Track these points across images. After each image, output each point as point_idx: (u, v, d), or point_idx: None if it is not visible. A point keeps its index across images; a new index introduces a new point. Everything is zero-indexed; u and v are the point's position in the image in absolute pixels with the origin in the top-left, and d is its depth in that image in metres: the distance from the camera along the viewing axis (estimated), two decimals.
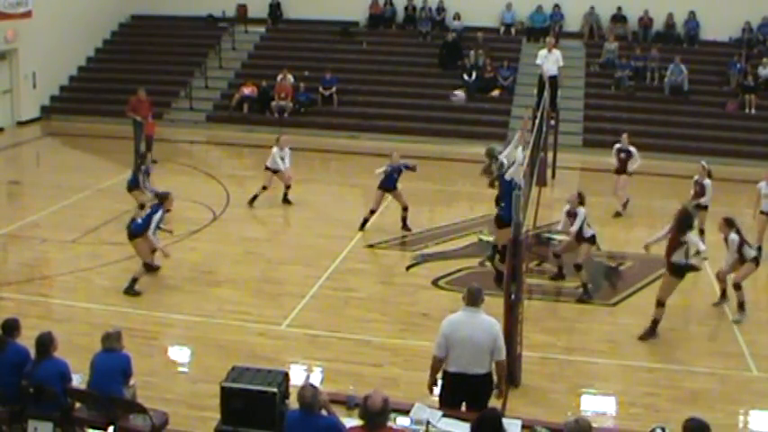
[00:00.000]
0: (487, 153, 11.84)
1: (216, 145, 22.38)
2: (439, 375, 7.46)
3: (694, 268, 11.50)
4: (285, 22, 26.60)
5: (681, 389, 9.34)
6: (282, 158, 15.68)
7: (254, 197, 15.69)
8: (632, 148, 15.87)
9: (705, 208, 13.93)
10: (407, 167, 14.46)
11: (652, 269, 13.08)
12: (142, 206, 13.79)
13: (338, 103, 23.31)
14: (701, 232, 13.73)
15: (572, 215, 11.99)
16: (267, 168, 15.75)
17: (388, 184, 14.35)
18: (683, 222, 10.56)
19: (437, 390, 7.52)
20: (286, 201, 15.97)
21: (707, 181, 13.96)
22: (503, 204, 11.28)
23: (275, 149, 15.72)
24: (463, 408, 7.34)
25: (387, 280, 12.45)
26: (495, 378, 7.35)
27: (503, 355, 7.29)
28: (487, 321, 7.34)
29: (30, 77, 23.27)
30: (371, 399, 5.83)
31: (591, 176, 19.34)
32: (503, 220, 11.05)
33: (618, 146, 16.08)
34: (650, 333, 10.53)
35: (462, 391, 7.34)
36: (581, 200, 12.04)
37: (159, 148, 19.14)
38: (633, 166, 15.81)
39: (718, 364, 9.94)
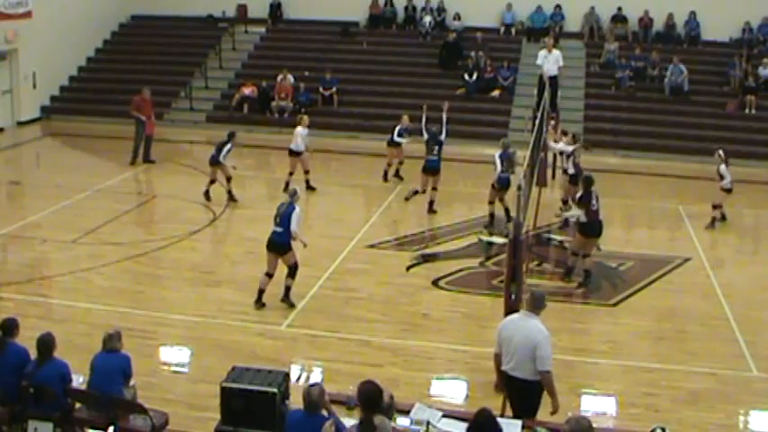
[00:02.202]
0: None
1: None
2: None
3: None
4: (285, 22, 26.60)
5: (681, 389, 9.34)
6: (303, 138, 16.28)
7: (287, 184, 15.93)
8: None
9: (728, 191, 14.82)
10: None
11: (652, 269, 13.11)
12: (229, 179, 15.50)
13: (338, 104, 23.30)
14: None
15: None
16: (291, 152, 16.28)
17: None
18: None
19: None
20: (310, 188, 16.55)
21: (722, 167, 14.79)
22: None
23: (300, 129, 16.22)
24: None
25: (387, 280, 12.44)
26: (548, 393, 7.26)
27: (545, 366, 7.05)
28: (535, 327, 7.16)
29: (30, 77, 23.26)
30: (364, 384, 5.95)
31: None
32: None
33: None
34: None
35: (511, 392, 7.40)
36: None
37: (159, 148, 19.17)
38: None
39: (718, 364, 9.94)
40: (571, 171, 14.85)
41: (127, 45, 26.40)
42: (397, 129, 17.37)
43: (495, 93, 23.20)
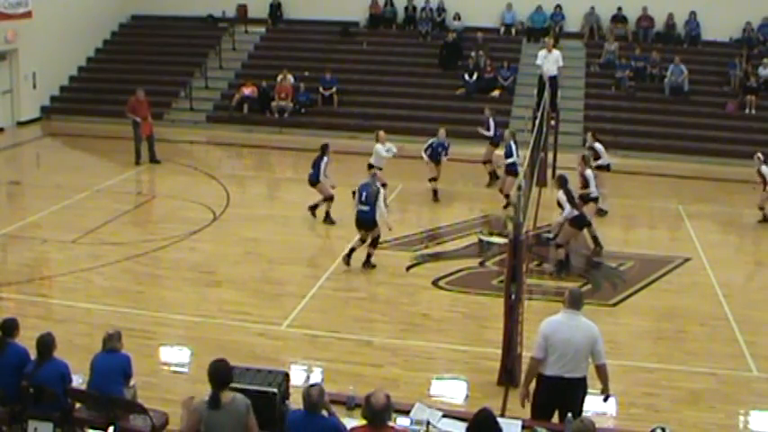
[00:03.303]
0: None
1: (216, 145, 22.38)
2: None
3: None
4: (285, 22, 26.60)
5: (681, 389, 9.34)
6: (389, 151, 15.63)
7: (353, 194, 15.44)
8: (597, 145, 15.69)
9: None
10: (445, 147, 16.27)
11: (652, 269, 13.11)
12: (330, 198, 14.65)
13: (338, 104, 23.30)
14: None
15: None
16: (371, 167, 15.26)
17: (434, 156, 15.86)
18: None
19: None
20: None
21: (764, 168, 14.98)
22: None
23: (379, 146, 15.59)
24: (555, 418, 7.24)
25: (387, 280, 12.44)
26: (601, 383, 7.29)
27: (603, 359, 7.20)
28: (587, 324, 7.21)
29: (30, 77, 23.27)
30: (375, 396, 5.83)
31: None
32: None
33: (587, 143, 16.02)
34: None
35: (557, 397, 7.24)
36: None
37: (159, 148, 19.16)
38: (597, 161, 15.45)
39: (718, 364, 9.94)
40: (595, 194, 13.97)
41: (127, 45, 26.41)
42: (433, 142, 16.56)
43: (495, 93, 23.19)
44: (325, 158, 14.66)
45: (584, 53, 24.40)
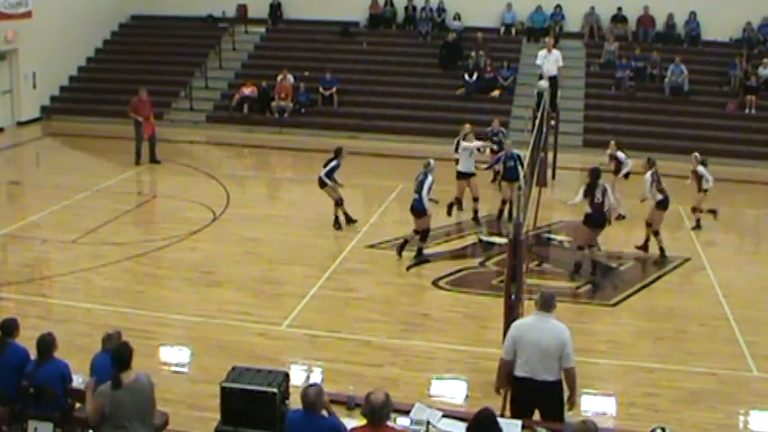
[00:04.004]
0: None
1: (216, 145, 22.39)
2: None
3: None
4: (285, 22, 26.60)
5: (681, 389, 9.34)
6: (472, 153, 14.92)
7: (451, 206, 15.03)
8: (620, 154, 15.72)
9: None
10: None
11: (652, 269, 13.11)
12: (339, 202, 14.37)
13: (338, 104, 23.30)
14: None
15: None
16: (461, 175, 14.83)
17: (511, 175, 14.54)
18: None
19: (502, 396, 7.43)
20: (476, 220, 15.04)
21: (700, 168, 14.69)
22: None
23: (464, 143, 14.90)
24: (536, 416, 7.20)
25: (387, 280, 12.44)
26: (566, 387, 7.21)
27: (571, 363, 7.10)
28: (557, 326, 7.16)
29: (30, 77, 23.28)
30: (374, 394, 5.84)
31: None
32: None
33: (608, 152, 16.02)
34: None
35: (531, 399, 7.20)
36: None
37: (159, 148, 19.16)
38: (624, 170, 15.58)
39: (718, 364, 9.94)
40: (659, 197, 13.69)
41: (127, 45, 26.41)
42: (500, 156, 15.57)
43: (495, 93, 23.20)
44: (334, 162, 14.48)
45: (584, 53, 24.41)
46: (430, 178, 12.94)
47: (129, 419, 6.23)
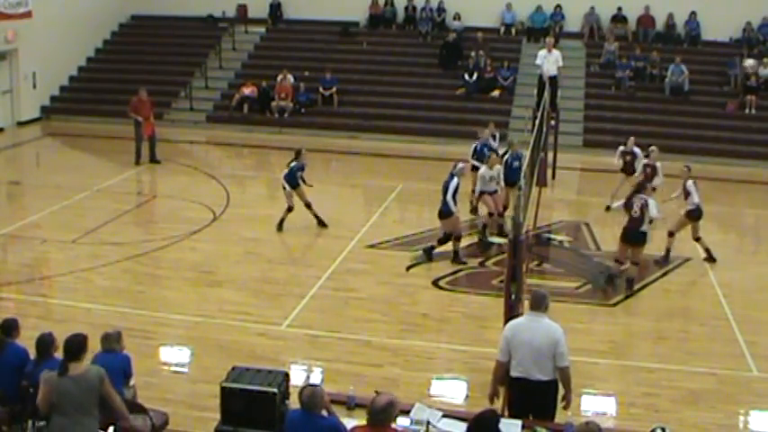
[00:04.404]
0: None
1: (216, 145, 22.39)
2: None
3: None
4: (285, 22, 26.60)
5: (681, 389, 9.34)
6: (492, 178, 14.16)
7: (484, 227, 14.35)
8: (637, 150, 15.75)
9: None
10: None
11: (652, 269, 13.10)
12: (290, 209, 14.15)
13: (338, 104, 23.30)
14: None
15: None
16: (482, 193, 14.27)
17: (513, 177, 14.00)
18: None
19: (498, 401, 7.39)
20: (501, 232, 14.21)
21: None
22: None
23: (484, 170, 14.22)
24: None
25: (387, 280, 12.43)
26: (563, 387, 7.17)
27: (565, 362, 7.06)
28: (549, 326, 7.13)
29: (30, 77, 23.27)
30: (379, 397, 5.86)
31: (591, 177, 19.37)
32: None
33: (622, 148, 15.99)
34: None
35: (526, 398, 7.18)
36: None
37: (159, 148, 19.16)
38: (638, 166, 15.59)
39: (718, 364, 9.93)
40: (690, 206, 13.31)
41: (127, 45, 26.41)
42: (507, 160, 14.89)
43: (495, 93, 23.19)
44: (294, 164, 14.19)
45: (584, 53, 24.40)
46: (455, 181, 12.80)
47: (74, 410, 6.33)
